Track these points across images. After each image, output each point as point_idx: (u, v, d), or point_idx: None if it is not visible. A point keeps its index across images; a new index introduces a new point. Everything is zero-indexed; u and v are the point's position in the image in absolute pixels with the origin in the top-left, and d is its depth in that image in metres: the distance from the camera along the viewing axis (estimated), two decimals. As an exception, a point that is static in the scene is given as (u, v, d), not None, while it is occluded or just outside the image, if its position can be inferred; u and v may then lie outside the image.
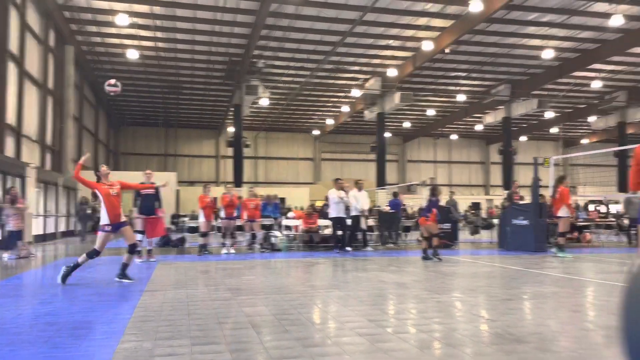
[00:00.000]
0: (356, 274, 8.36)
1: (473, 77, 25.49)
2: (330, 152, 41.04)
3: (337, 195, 12.84)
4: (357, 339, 4.08)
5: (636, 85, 26.71)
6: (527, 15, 18.18)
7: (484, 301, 5.88)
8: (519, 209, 14.05)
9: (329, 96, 29.40)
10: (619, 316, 1.94)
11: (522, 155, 36.45)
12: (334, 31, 19.63)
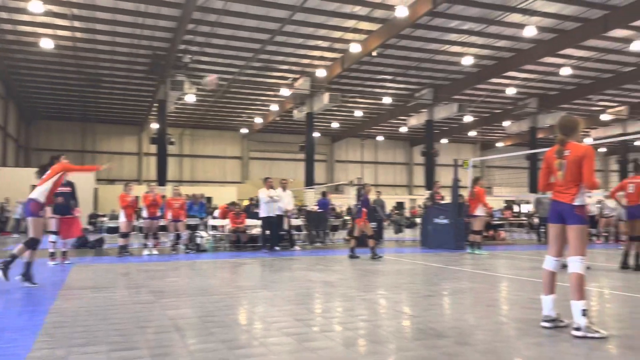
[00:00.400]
0: (284, 274, 8.34)
1: (398, 80, 26.26)
2: (258, 151, 40.76)
3: (267, 194, 12.77)
4: (283, 338, 4.06)
5: (546, 93, 28.65)
6: (449, 22, 18.98)
7: (407, 298, 6.06)
8: (440, 209, 14.64)
9: (258, 94, 29.17)
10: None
11: (443, 157, 38.03)
12: (263, 29, 19.50)
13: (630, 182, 8.79)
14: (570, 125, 4.41)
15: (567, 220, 4.31)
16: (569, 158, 4.27)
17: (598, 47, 21.14)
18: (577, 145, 4.32)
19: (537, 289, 6.59)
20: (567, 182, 4.29)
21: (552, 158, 4.43)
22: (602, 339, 3.96)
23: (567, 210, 4.30)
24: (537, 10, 17.59)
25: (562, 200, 4.34)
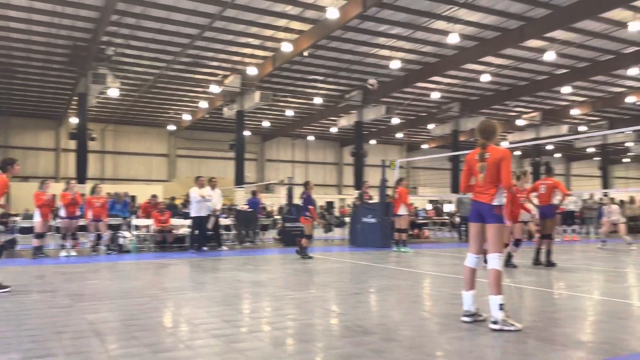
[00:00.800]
0: (211, 275, 8.19)
1: (329, 81, 26.53)
2: (186, 149, 39.69)
3: (198, 193, 12.48)
4: (211, 340, 3.99)
5: (468, 98, 30.03)
6: (378, 26, 19.41)
7: (335, 296, 6.14)
8: (368, 208, 14.96)
9: (186, 90, 28.39)
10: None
11: (372, 158, 38.82)
12: (192, 24, 19.00)
13: (542, 183, 9.45)
14: (490, 130, 4.68)
15: (486, 220, 4.55)
16: (489, 160, 4.53)
17: (515, 55, 22.43)
18: (496, 149, 4.59)
19: (459, 285, 6.90)
20: (487, 183, 4.55)
21: (473, 161, 4.67)
22: (517, 332, 4.21)
23: (486, 209, 4.54)
24: (461, 18, 18.39)
25: (481, 201, 4.58)
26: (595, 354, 3.64)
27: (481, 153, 4.58)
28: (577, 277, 7.99)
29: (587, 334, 4.30)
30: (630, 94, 27.75)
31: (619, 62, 22.16)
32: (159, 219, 13.25)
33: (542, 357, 3.56)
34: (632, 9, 16.98)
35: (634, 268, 9.49)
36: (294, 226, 15.08)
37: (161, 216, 13.36)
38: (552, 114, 32.65)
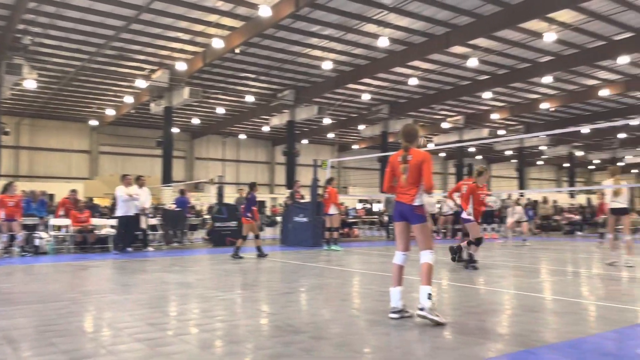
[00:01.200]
0: (136, 276, 7.89)
1: (261, 79, 26.32)
2: (110, 145, 37.94)
3: (125, 192, 11.98)
4: (135, 345, 3.84)
5: (397, 101, 30.88)
6: (310, 26, 19.50)
7: (265, 296, 6.11)
8: (299, 207, 15.02)
9: (110, 84, 27.12)
10: None
11: (303, 157, 38.96)
12: (117, 15, 18.19)
13: (464, 183, 9.92)
14: (413, 133, 4.90)
15: (409, 220, 4.76)
16: (412, 162, 4.74)
17: (441, 61, 23.32)
18: (418, 151, 4.80)
19: (386, 283, 7.08)
20: (409, 184, 4.74)
21: (396, 162, 4.86)
22: (442, 327, 4.38)
23: (407, 210, 4.75)
24: (390, 22, 18.87)
25: (403, 201, 4.78)
26: (512, 346, 3.85)
27: (404, 155, 4.78)
28: (495, 273, 8.44)
29: (504, 327, 4.54)
30: (544, 100, 29.67)
31: (535, 70, 23.62)
32: (77, 218, 12.58)
33: (464, 350, 3.72)
34: (547, 21, 18.16)
35: (547, 264, 10.16)
36: (224, 226, 14.86)
37: (80, 215, 12.70)
38: (474, 117, 34.28)
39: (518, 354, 3.61)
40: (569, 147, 41.63)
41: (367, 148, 44.25)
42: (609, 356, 3.56)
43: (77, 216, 12.64)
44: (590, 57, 21.52)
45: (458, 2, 17.21)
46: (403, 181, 4.76)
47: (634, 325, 4.57)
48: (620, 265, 9.40)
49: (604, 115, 32.54)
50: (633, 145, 42.91)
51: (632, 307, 5.56)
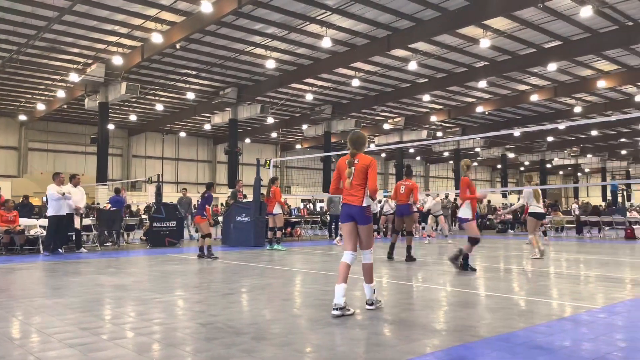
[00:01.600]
0: (68, 279, 7.53)
1: (202, 76, 25.81)
2: (40, 142, 36.04)
3: (57, 191, 11.39)
4: (66, 350, 3.66)
5: (339, 101, 31.18)
6: (253, 24, 19.31)
7: (205, 297, 5.99)
8: (241, 207, 14.85)
9: (41, 78, 25.74)
10: None
11: (246, 156, 38.63)
12: (50, 5, 17.28)
13: (403, 184, 10.19)
14: (361, 140, 5.21)
15: (357, 220, 5.03)
16: (358, 166, 5.02)
17: (382, 63, 23.77)
18: (364, 156, 5.10)
19: (329, 282, 7.13)
20: (355, 186, 5.02)
21: (343, 166, 5.13)
22: (382, 325, 4.46)
23: (356, 211, 5.01)
24: (333, 23, 19.02)
25: (352, 203, 5.03)
26: (448, 341, 3.98)
27: (350, 160, 5.07)
28: (433, 270, 8.69)
29: (441, 322, 4.68)
30: (479, 104, 30.92)
31: (471, 74, 24.55)
32: (3, 218, 11.86)
33: (403, 346, 3.80)
34: (483, 27, 18.91)
35: (480, 260, 10.57)
36: (163, 226, 14.47)
37: (7, 214, 11.99)
38: (414, 119, 35.20)
39: (454, 349, 3.73)
40: (502, 149, 43.60)
41: (310, 148, 44.43)
42: (539, 349, 3.75)
43: (3, 216, 11.91)
44: (522, 63, 22.63)
45: (399, 6, 17.60)
46: (347, 184, 5.02)
47: (561, 319, 4.84)
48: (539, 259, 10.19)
49: (534, 119, 34.33)
50: (560, 147, 45.56)
51: (560, 301, 5.89)
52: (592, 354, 3.63)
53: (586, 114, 31.42)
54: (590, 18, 17.81)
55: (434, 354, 3.62)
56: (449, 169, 45.38)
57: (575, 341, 3.99)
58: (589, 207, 25.76)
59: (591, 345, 3.86)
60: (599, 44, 19.96)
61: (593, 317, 4.89)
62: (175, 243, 14.46)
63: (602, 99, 30.07)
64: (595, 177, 57.48)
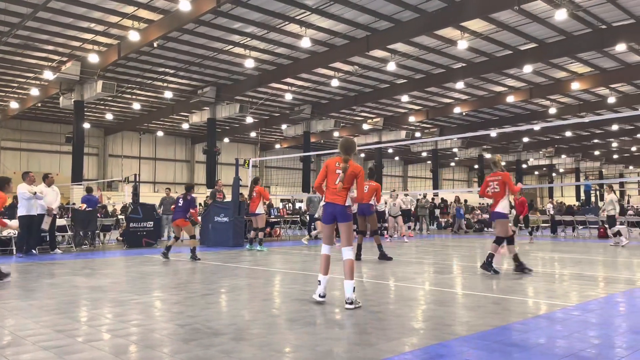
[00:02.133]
0: (42, 280, 7.39)
1: (180, 75, 25.56)
2: (13, 140, 35.25)
3: (28, 190, 11.14)
4: (40, 353, 3.59)
5: (319, 101, 31.21)
6: (232, 23, 19.20)
7: (184, 298, 5.94)
8: (220, 207, 14.75)
9: (14, 75, 25.16)
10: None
11: (225, 156, 38.39)
12: (23, 1, 16.91)
13: (367, 184, 10.37)
14: (352, 146, 5.67)
15: (339, 218, 5.45)
16: (349, 172, 5.48)
17: (361, 63, 23.86)
18: (355, 164, 5.57)
19: (308, 282, 7.14)
20: (343, 189, 5.46)
21: (333, 168, 5.54)
22: (360, 325, 4.48)
23: (339, 210, 5.43)
24: (313, 23, 19.02)
25: (336, 202, 5.45)
26: (426, 339, 4.02)
27: (345, 167, 5.48)
28: (411, 270, 8.76)
29: (419, 321, 4.73)
30: (457, 105, 31.27)
31: (449, 76, 24.82)
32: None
33: (381, 345, 3.83)
34: (460, 29, 19.14)
35: (457, 259, 10.70)
36: (140, 226, 14.29)
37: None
38: (392, 120, 35.42)
39: (432, 347, 3.77)
40: (479, 149, 44.19)
41: (289, 148, 44.35)
42: (515, 346, 3.81)
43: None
44: (498, 65, 22.97)
45: (378, 7, 17.70)
46: (339, 186, 5.45)
47: (536, 317, 4.93)
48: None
49: (510, 120, 34.87)
50: (536, 148, 46.36)
51: (535, 299, 6.00)
52: (567, 350, 3.71)
53: (561, 115, 32.07)
54: (565, 21, 18.17)
55: (412, 352, 3.65)
56: (427, 168, 45.78)
57: (550, 338, 4.07)
58: (563, 206, 26.28)
59: (565, 342, 3.94)
60: (573, 46, 20.37)
61: (567, 314, 4.99)
62: (152, 244, 14.30)
63: (576, 100, 30.71)
64: (569, 177, 58.67)
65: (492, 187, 8.24)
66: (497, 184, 8.16)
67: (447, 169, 57.56)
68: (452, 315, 4.94)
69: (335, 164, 5.53)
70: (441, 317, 4.84)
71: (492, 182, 8.25)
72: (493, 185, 8.21)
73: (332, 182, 5.49)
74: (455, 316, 4.92)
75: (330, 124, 32.06)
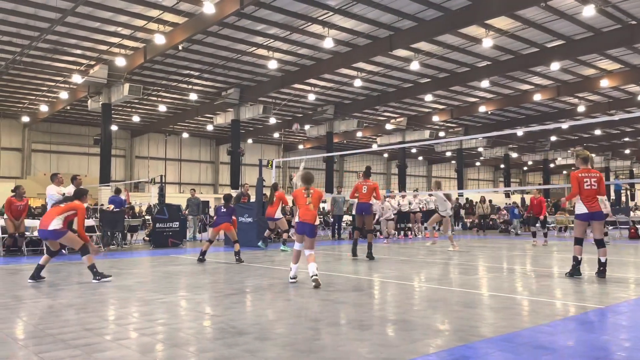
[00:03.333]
0: (71, 279, 7.56)
1: (205, 77, 25.84)
2: (43, 143, 36.16)
3: (57, 191, 11.41)
4: (70, 351, 3.67)
5: (342, 102, 31.19)
6: (255, 25, 19.33)
7: (208, 298, 6.00)
8: (244, 207, 14.86)
9: (44, 79, 25.82)
10: None
11: (248, 157, 38.67)
12: (52, 7, 17.33)
13: (364, 184, 10.75)
14: (311, 178, 7.34)
15: (308, 234, 7.06)
16: (314, 196, 7.24)
17: (384, 63, 23.74)
18: (316, 190, 7.31)
19: (331, 282, 7.14)
20: (313, 209, 7.14)
21: (301, 194, 7.24)
22: (384, 326, 4.45)
23: (310, 228, 7.06)
24: (335, 24, 19.01)
25: (308, 221, 7.05)
26: (450, 341, 3.98)
27: (308, 192, 7.21)
28: (435, 271, 8.68)
29: (444, 322, 4.68)
30: (482, 104, 30.85)
31: (474, 74, 24.50)
32: (14, 207, 11.80)
33: (406, 346, 3.80)
34: (485, 27, 18.88)
35: (483, 260, 10.56)
36: (166, 227, 14.49)
37: (18, 202, 11.97)
38: (416, 119, 35.15)
39: (457, 349, 3.73)
40: (505, 148, 43.52)
41: (312, 148, 44.41)
42: (542, 349, 3.75)
43: (13, 203, 11.90)
44: (524, 63, 22.58)
45: (401, 6, 17.59)
46: (310, 206, 7.13)
47: (564, 319, 4.83)
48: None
49: (537, 118, 34.24)
50: (563, 147, 45.43)
51: (564, 301, 5.88)
52: (596, 353, 3.63)
53: (589, 113, 31.35)
54: (593, 17, 17.77)
55: (437, 354, 3.62)
56: (451, 168, 45.30)
57: (578, 341, 3.99)
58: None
59: (595, 345, 3.85)
60: (602, 43, 19.90)
61: (597, 316, 4.88)
62: (178, 244, 14.49)
63: (606, 98, 29.98)
64: (599, 176, 57.24)
65: (589, 184, 7.48)
66: (596, 180, 7.50)
67: (472, 169, 56.85)
68: (478, 317, 4.87)
69: (302, 191, 7.24)
70: (466, 318, 4.78)
71: (588, 179, 7.51)
72: (591, 182, 7.49)
73: (304, 203, 7.12)
74: (480, 317, 4.85)
75: (353, 124, 31.98)
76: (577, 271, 7.63)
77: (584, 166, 7.68)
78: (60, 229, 7.20)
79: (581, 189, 7.48)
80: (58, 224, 7.17)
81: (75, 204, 7.40)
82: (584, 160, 7.72)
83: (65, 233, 7.25)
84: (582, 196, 7.49)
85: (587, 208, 7.46)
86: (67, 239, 7.28)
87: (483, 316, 4.93)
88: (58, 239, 7.25)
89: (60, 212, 7.29)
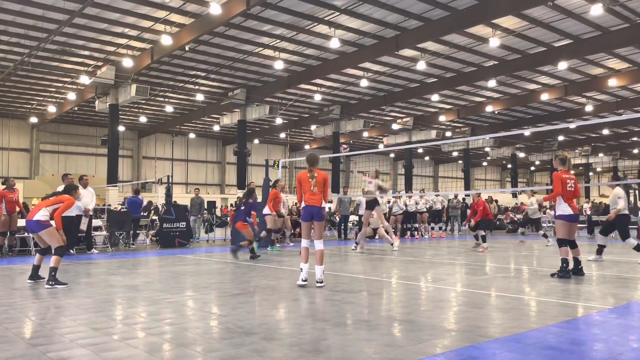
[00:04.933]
0: (79, 279, 7.61)
1: (211, 78, 25.92)
2: (51, 144, 36.40)
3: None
4: (78, 350, 3.69)
5: (348, 102, 31.18)
6: (262, 26, 19.37)
7: (215, 298, 6.01)
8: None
9: (52, 80, 25.99)
10: None
11: (255, 157, 38.73)
12: (59, 8, 17.45)
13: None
14: (316, 159, 7.05)
15: (315, 218, 6.82)
16: (318, 178, 6.84)
17: (391, 63, 23.72)
18: (320, 171, 6.99)
19: (338, 282, 7.14)
20: (317, 192, 6.79)
21: (305, 177, 6.90)
22: (391, 326, 4.44)
23: (317, 210, 6.79)
24: (341, 24, 19.02)
25: (314, 204, 6.78)
26: (457, 341, 3.96)
27: (311, 174, 6.89)
28: (442, 271, 8.66)
29: (451, 323, 4.67)
30: (489, 103, 30.74)
31: (480, 74, 24.42)
32: (8, 198, 11.81)
33: (413, 347, 3.80)
34: (492, 26, 18.81)
35: (490, 261, 10.52)
36: (173, 227, 14.54)
37: (10, 194, 11.99)
38: (422, 119, 35.07)
39: (464, 349, 3.71)
40: (512, 148, 43.33)
41: (319, 148, 44.41)
42: (550, 349, 3.73)
43: (7, 195, 11.90)
44: (531, 62, 22.47)
45: (407, 6, 17.56)
46: (315, 191, 6.79)
47: (572, 320, 4.81)
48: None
49: (544, 118, 34.07)
50: (571, 147, 45.18)
51: (572, 302, 5.85)
52: (604, 354, 3.60)
53: (597, 112, 31.15)
54: (601, 16, 17.66)
55: (444, 354, 3.61)
56: (458, 168, 45.17)
57: (587, 342, 3.96)
58: (601, 206, 25.53)
59: (603, 346, 3.83)
60: (610, 42, 19.78)
61: (605, 317, 4.85)
62: (185, 244, 14.54)
63: (614, 97, 29.79)
64: (606, 176, 56.91)
65: (570, 185, 7.59)
66: (574, 182, 7.63)
67: (478, 169, 56.65)
68: (485, 317, 4.85)
69: (306, 175, 6.91)
70: (473, 318, 4.77)
71: (569, 180, 7.63)
72: (571, 184, 7.60)
73: (308, 189, 6.79)
74: (488, 318, 4.83)
75: (360, 124, 31.96)
76: (566, 273, 7.55)
77: (563, 167, 7.73)
78: (45, 220, 7.07)
79: (564, 190, 7.54)
80: (44, 215, 7.08)
81: (64, 197, 7.33)
82: (562, 161, 7.77)
83: (48, 227, 7.10)
84: (564, 197, 7.55)
85: (572, 209, 7.54)
86: (47, 233, 7.06)
87: (490, 317, 4.91)
88: (39, 230, 7.05)
89: (49, 204, 7.23)
